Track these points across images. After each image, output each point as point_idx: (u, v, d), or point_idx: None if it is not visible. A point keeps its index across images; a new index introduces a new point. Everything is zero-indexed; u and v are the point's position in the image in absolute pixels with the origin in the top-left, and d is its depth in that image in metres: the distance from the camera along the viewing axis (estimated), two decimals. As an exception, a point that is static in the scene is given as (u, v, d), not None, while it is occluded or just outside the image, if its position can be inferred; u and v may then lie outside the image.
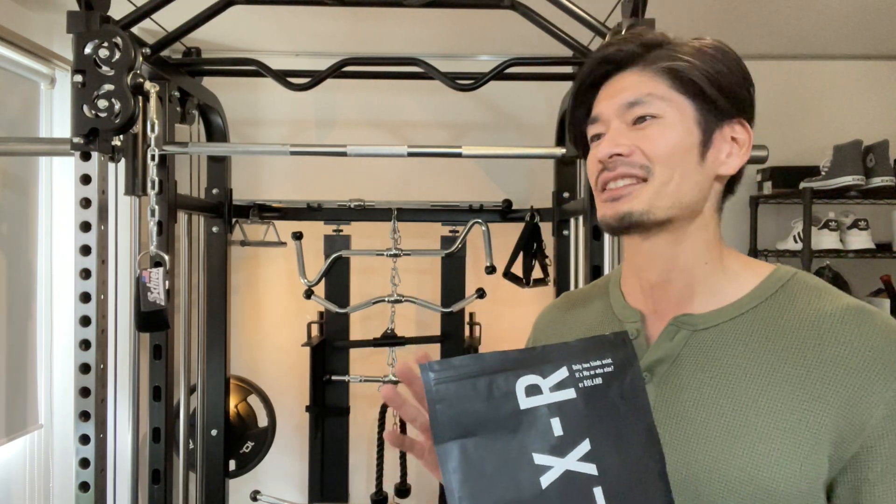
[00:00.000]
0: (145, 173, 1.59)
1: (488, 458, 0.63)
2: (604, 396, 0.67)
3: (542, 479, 0.63)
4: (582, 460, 0.64)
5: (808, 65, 2.62)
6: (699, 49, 0.76)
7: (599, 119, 0.79)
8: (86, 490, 1.49)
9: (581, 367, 0.67)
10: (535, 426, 0.64)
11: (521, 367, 0.66)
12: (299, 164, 2.59)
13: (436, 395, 0.64)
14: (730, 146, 0.78)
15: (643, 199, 0.74)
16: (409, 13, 2.06)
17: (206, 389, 2.25)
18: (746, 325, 0.75)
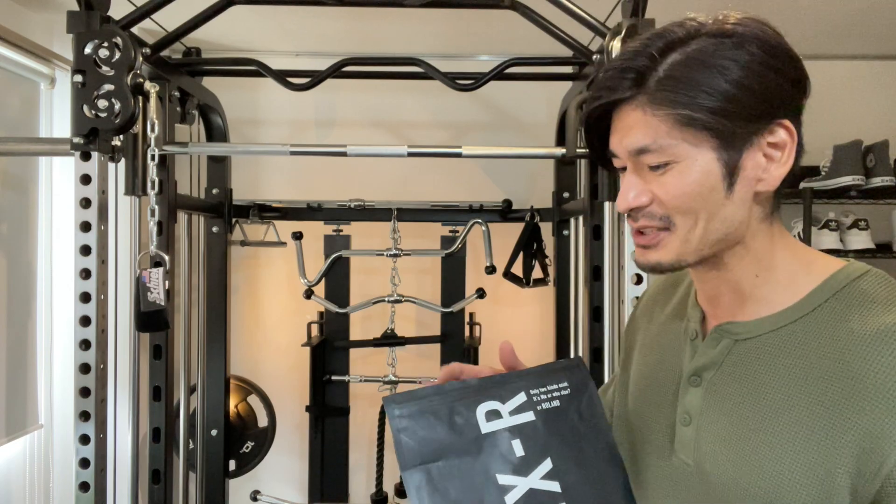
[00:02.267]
0: (145, 173, 1.59)
1: (453, 481, 0.65)
2: (562, 417, 0.70)
3: (506, 497, 0.65)
4: (545, 478, 0.67)
5: (808, 65, 2.61)
6: (706, 62, 0.67)
7: (616, 155, 0.75)
8: (86, 490, 1.49)
9: (538, 391, 0.71)
10: (497, 448, 0.67)
11: (481, 395, 0.69)
12: (299, 164, 2.59)
13: (399, 424, 0.67)
14: (766, 160, 0.70)
15: (671, 251, 0.72)
16: (408, 13, 2.06)
17: (206, 389, 2.25)
18: (787, 338, 0.71)
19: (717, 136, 0.67)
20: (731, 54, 0.67)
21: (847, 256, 2.60)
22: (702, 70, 0.67)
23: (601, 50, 1.58)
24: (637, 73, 0.70)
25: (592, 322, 1.83)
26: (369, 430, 2.51)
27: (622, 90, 0.70)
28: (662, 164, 0.69)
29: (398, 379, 2.28)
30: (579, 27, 1.60)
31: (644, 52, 0.70)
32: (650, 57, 0.69)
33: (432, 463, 0.66)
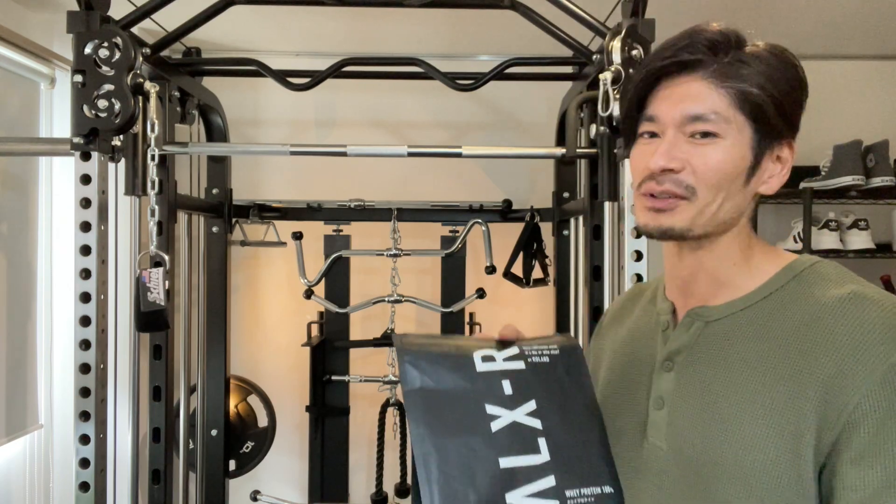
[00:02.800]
0: (145, 173, 1.59)
1: (447, 404, 0.75)
2: (550, 371, 0.79)
3: (492, 424, 0.74)
4: (529, 415, 0.76)
5: (809, 65, 2.58)
6: (767, 62, 0.75)
7: (656, 120, 0.78)
8: (86, 490, 1.49)
9: (530, 348, 0.80)
10: (489, 384, 0.77)
11: (480, 344, 0.80)
12: (299, 164, 2.59)
13: (405, 354, 0.77)
14: (773, 167, 0.78)
15: (685, 218, 0.76)
16: (408, 13, 2.06)
17: (206, 389, 2.25)
18: (754, 316, 0.77)
19: (760, 129, 0.75)
20: (783, 65, 0.76)
21: (847, 256, 2.60)
22: (766, 65, 0.75)
23: (601, 50, 1.58)
24: (714, 44, 0.76)
25: (592, 322, 1.83)
26: (369, 430, 2.51)
27: (699, 53, 0.75)
28: (709, 134, 0.75)
29: (398, 379, 2.28)
30: (579, 27, 1.60)
31: (722, 33, 0.76)
32: (727, 39, 0.76)
33: (430, 387, 0.75)
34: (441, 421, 0.74)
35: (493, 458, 0.73)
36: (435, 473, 0.72)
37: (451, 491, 0.71)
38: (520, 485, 0.72)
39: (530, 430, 0.75)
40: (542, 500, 0.72)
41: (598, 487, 0.75)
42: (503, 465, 0.73)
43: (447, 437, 0.73)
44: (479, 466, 0.72)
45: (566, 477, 0.74)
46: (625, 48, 1.45)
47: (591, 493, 0.74)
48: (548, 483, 0.73)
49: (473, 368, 0.77)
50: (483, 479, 0.72)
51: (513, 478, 0.73)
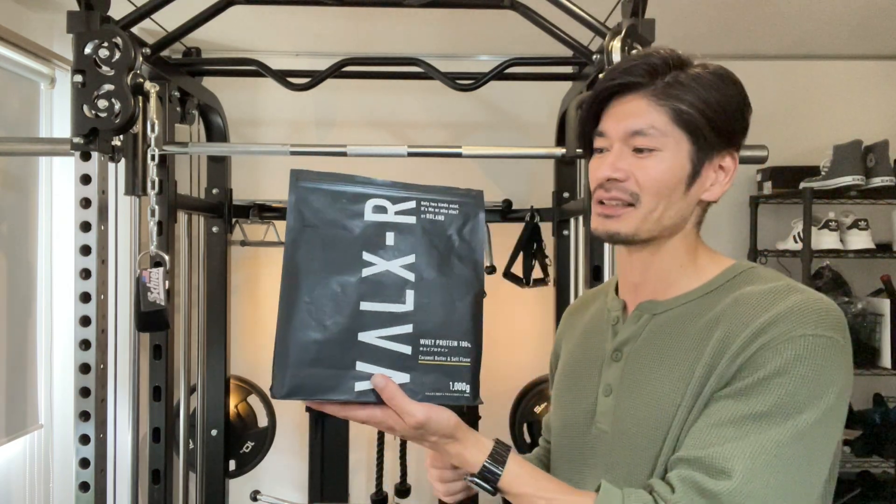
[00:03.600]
0: (145, 173, 1.59)
1: (327, 244, 0.78)
2: (441, 229, 0.81)
3: (364, 270, 0.78)
4: (404, 267, 0.79)
5: (808, 65, 2.62)
6: (704, 82, 0.82)
7: (605, 135, 0.86)
8: (86, 490, 1.49)
9: (428, 203, 0.82)
10: (373, 233, 0.79)
11: (378, 192, 0.81)
12: (299, 164, 2.58)
13: (298, 195, 0.79)
14: (715, 176, 0.85)
15: (630, 224, 0.84)
16: (408, 13, 2.06)
17: (206, 389, 2.25)
18: (692, 308, 0.85)
19: (696, 140, 0.82)
20: (721, 85, 0.83)
21: (847, 256, 2.60)
22: (701, 85, 0.82)
23: (601, 50, 1.58)
24: (652, 67, 0.83)
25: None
26: (369, 430, 2.51)
27: (638, 76, 0.83)
28: (649, 149, 0.82)
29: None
30: (579, 27, 1.60)
31: (659, 55, 0.84)
32: (664, 61, 0.83)
33: (313, 228, 0.79)
34: (314, 257, 0.78)
35: (355, 300, 0.77)
36: (295, 303, 0.78)
37: (304, 321, 0.77)
38: (375, 327, 0.77)
39: (402, 281, 0.78)
40: (394, 343, 0.77)
41: (455, 341, 0.79)
42: (363, 307, 0.77)
43: (316, 273, 0.78)
44: (339, 305, 0.77)
45: (424, 327, 0.78)
46: (625, 48, 1.45)
47: (446, 344, 0.79)
48: (404, 329, 0.78)
49: (361, 217, 0.79)
50: (339, 317, 0.76)
51: (370, 320, 0.77)
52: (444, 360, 0.79)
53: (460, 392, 0.79)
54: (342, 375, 0.76)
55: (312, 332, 0.76)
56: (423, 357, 0.78)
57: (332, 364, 0.76)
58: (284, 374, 0.75)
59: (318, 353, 0.76)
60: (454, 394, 0.79)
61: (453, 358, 0.79)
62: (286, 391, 0.75)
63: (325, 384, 0.76)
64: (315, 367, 0.75)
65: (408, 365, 0.77)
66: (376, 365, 0.77)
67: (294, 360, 0.75)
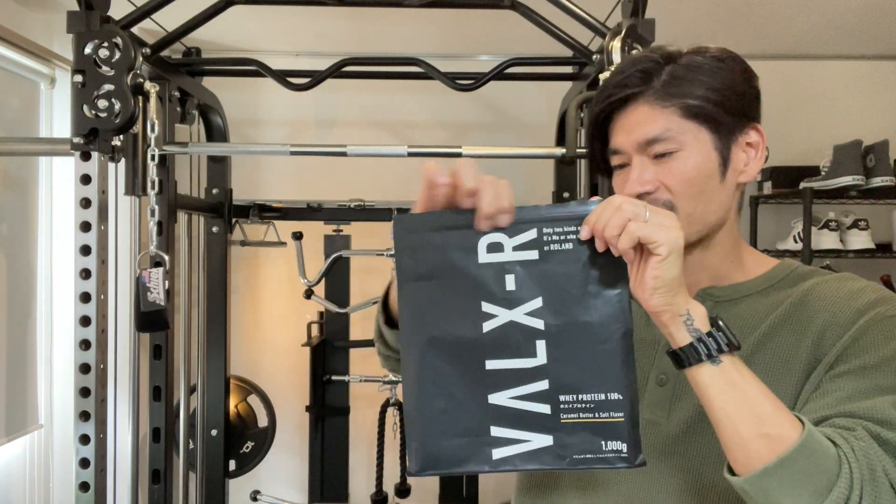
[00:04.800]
0: (145, 173, 1.59)
1: (440, 299, 0.70)
2: (570, 261, 0.69)
3: (484, 324, 0.69)
4: (530, 315, 0.69)
5: (808, 65, 2.62)
6: (699, 68, 0.79)
7: (620, 151, 0.83)
8: (86, 490, 1.49)
9: (552, 230, 0.69)
10: (489, 279, 0.69)
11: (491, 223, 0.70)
12: (299, 164, 2.59)
13: (403, 243, 0.71)
14: (745, 155, 0.82)
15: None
16: (409, 13, 2.06)
17: (206, 389, 2.25)
18: (764, 301, 0.83)
19: (714, 128, 0.79)
20: (717, 65, 0.80)
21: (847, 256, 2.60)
22: (699, 72, 0.79)
23: (601, 50, 1.58)
24: (644, 72, 0.80)
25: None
26: (369, 430, 2.51)
27: (633, 86, 0.80)
28: (669, 152, 0.79)
29: (398, 379, 2.27)
30: (579, 27, 1.60)
31: (648, 58, 0.81)
32: (654, 61, 0.81)
33: (426, 281, 0.70)
34: (430, 316, 0.70)
35: (480, 362, 0.69)
36: (416, 370, 0.70)
37: (430, 389, 0.70)
38: (506, 387, 0.69)
39: (529, 331, 0.69)
40: (529, 402, 0.69)
41: (603, 394, 0.69)
42: (490, 367, 0.70)
43: (433, 334, 0.70)
44: (463, 367, 0.70)
45: (562, 381, 0.69)
46: (625, 48, 1.45)
47: (591, 398, 0.69)
48: (539, 386, 0.69)
49: (475, 259, 0.70)
50: (465, 381, 0.70)
51: (499, 380, 0.69)
52: (592, 417, 0.69)
53: (616, 452, 0.69)
54: (477, 444, 0.69)
55: (438, 401, 0.70)
56: (565, 416, 0.69)
57: (466, 433, 0.69)
58: (417, 448, 0.70)
59: (449, 423, 0.70)
60: (608, 455, 0.69)
61: (602, 414, 0.69)
62: (421, 466, 0.70)
63: (461, 455, 0.70)
64: (447, 438, 0.70)
65: (549, 426, 0.69)
66: (513, 428, 0.69)
67: (425, 433, 0.70)
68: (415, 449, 0.70)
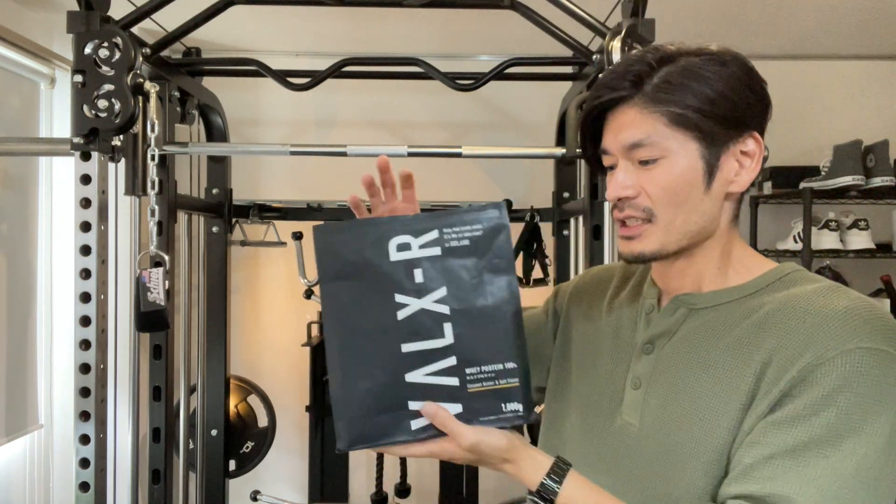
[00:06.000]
0: (145, 173, 1.59)
1: (357, 297, 0.79)
2: (467, 255, 0.80)
3: (398, 312, 0.79)
4: (437, 302, 0.79)
5: (808, 65, 2.62)
6: (696, 71, 0.76)
7: (607, 152, 0.82)
8: (86, 490, 1.49)
9: (451, 230, 0.81)
10: (401, 274, 0.79)
11: (398, 228, 0.81)
12: (299, 164, 2.59)
13: (323, 247, 0.80)
14: (738, 164, 0.79)
15: (653, 241, 0.80)
16: (408, 13, 2.06)
17: (206, 389, 2.25)
18: (736, 310, 0.79)
19: (702, 137, 0.77)
20: (716, 69, 0.76)
21: (847, 256, 2.60)
22: (692, 78, 0.76)
23: (601, 50, 1.58)
24: (636, 76, 0.78)
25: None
26: (369, 430, 2.51)
27: (622, 89, 0.79)
28: (653, 159, 0.78)
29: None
30: (579, 27, 1.60)
31: (642, 60, 0.79)
32: (648, 64, 0.78)
33: (344, 280, 0.80)
34: (350, 310, 0.79)
35: (396, 344, 0.78)
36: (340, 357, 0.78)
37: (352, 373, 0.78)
38: (420, 366, 0.78)
39: (438, 316, 0.79)
40: (441, 377, 0.78)
41: (500, 364, 0.79)
42: (405, 349, 0.78)
43: (354, 324, 0.79)
44: (382, 352, 0.78)
45: (467, 356, 0.78)
46: (625, 48, 1.45)
47: (491, 369, 0.79)
48: (448, 363, 0.78)
49: (387, 258, 0.80)
50: (384, 363, 0.78)
51: (414, 360, 0.78)
52: (493, 385, 0.79)
53: (514, 412, 0.79)
54: (397, 417, 0.78)
55: (362, 381, 0.78)
56: (471, 386, 0.78)
57: (387, 409, 0.78)
58: (344, 427, 0.78)
59: (372, 401, 0.78)
60: (508, 415, 0.79)
61: (501, 381, 0.79)
62: (348, 442, 0.78)
63: (384, 429, 0.78)
64: (371, 415, 0.78)
65: (458, 395, 0.78)
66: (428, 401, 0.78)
67: (350, 411, 0.78)
68: (342, 427, 0.78)
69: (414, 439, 0.78)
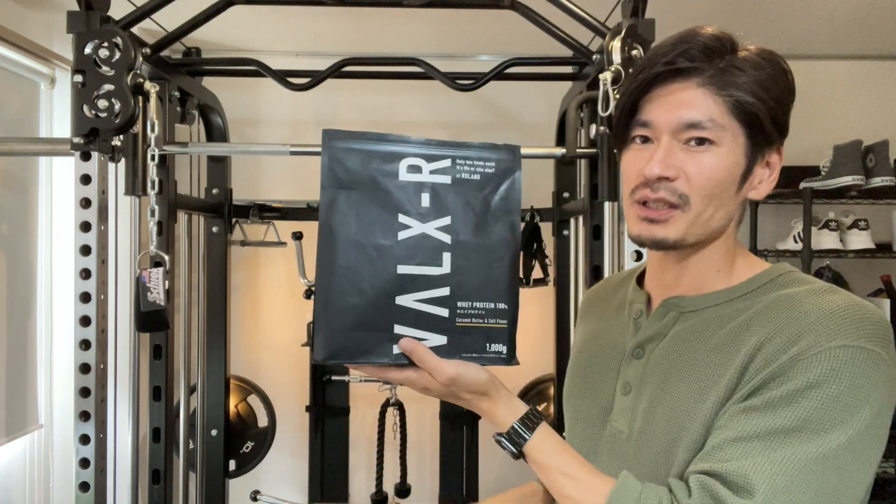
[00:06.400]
0: (145, 173, 1.59)
1: (359, 209, 0.78)
2: (477, 189, 0.80)
3: (399, 232, 0.77)
4: (440, 230, 0.78)
5: (808, 65, 2.62)
6: (760, 68, 0.75)
7: (650, 125, 0.77)
8: (86, 490, 1.49)
9: (464, 162, 0.80)
10: (408, 194, 0.78)
11: (412, 150, 0.79)
12: (299, 164, 2.58)
13: (330, 152, 0.80)
14: (763, 173, 0.78)
15: (679, 229, 0.76)
16: (408, 13, 2.06)
17: (206, 389, 2.25)
18: (725, 311, 0.78)
19: (754, 135, 0.75)
20: (775, 71, 0.76)
21: (847, 256, 2.60)
22: (765, 72, 0.75)
23: (601, 50, 1.58)
24: (709, 50, 0.74)
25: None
26: (369, 430, 2.51)
27: (694, 59, 0.74)
28: (707, 141, 0.74)
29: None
30: (579, 27, 1.60)
31: (716, 38, 0.75)
32: (722, 44, 0.75)
33: (349, 189, 0.78)
34: (350, 221, 0.77)
35: (392, 264, 0.77)
36: (332, 267, 0.77)
37: (343, 285, 0.76)
38: (412, 290, 0.77)
39: (438, 243, 0.78)
40: (431, 306, 0.77)
41: (492, 303, 0.79)
42: (400, 271, 0.77)
43: (352, 237, 0.77)
44: (376, 268, 0.76)
45: (461, 289, 0.78)
46: (625, 48, 1.45)
47: (483, 306, 0.78)
48: (441, 292, 0.78)
49: (396, 177, 0.78)
50: (376, 281, 0.76)
51: (407, 283, 0.77)
52: (482, 322, 0.78)
53: (497, 353, 0.79)
54: (380, 338, 0.76)
55: (350, 296, 0.76)
56: (460, 319, 0.78)
57: (371, 328, 0.76)
58: (324, 339, 0.76)
59: (357, 318, 0.76)
60: (491, 355, 0.79)
61: (490, 320, 0.79)
62: (325, 354, 0.76)
63: (364, 347, 0.76)
64: (354, 331, 0.76)
65: (445, 327, 0.77)
66: (414, 328, 0.77)
67: (333, 324, 0.76)
68: (322, 339, 0.76)
69: (393, 363, 0.77)
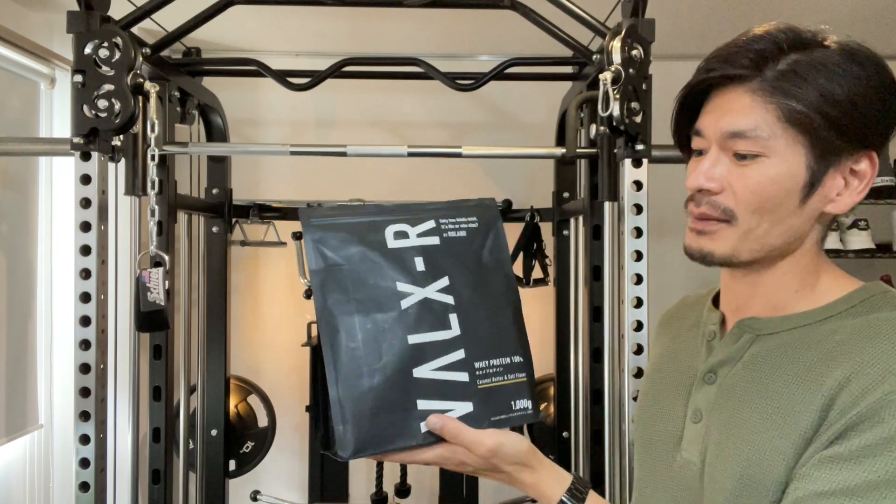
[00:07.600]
0: (145, 173, 1.59)
1: (355, 283, 0.74)
2: (466, 245, 0.78)
3: (402, 301, 0.74)
4: (440, 292, 0.75)
5: (808, 65, 2.62)
6: (828, 71, 0.67)
7: (702, 134, 0.73)
8: (86, 490, 1.49)
9: (447, 221, 0.78)
10: (400, 262, 0.75)
11: (393, 217, 0.77)
12: (299, 164, 2.59)
13: (313, 235, 0.75)
14: (844, 183, 0.69)
15: (727, 244, 0.71)
16: (408, 13, 2.06)
17: (206, 389, 2.25)
18: (806, 335, 0.71)
19: (814, 144, 0.67)
20: (853, 69, 0.67)
21: (847, 256, 2.61)
22: (824, 74, 0.66)
23: (601, 50, 1.58)
24: (759, 55, 0.69)
25: (592, 322, 1.83)
26: (369, 430, 2.51)
27: (740, 67, 0.69)
28: (751, 155, 0.68)
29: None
30: (579, 27, 1.60)
31: (772, 38, 0.70)
32: (777, 45, 0.70)
33: (338, 265, 0.74)
34: (348, 299, 0.74)
35: (402, 335, 0.73)
36: (340, 351, 0.74)
37: (355, 368, 0.72)
38: (428, 360, 0.73)
39: (442, 306, 0.75)
40: (449, 372, 0.74)
41: (508, 357, 0.77)
42: (412, 341, 0.73)
43: (354, 315, 0.73)
44: (386, 344, 0.73)
45: (475, 349, 0.75)
46: (625, 48, 1.45)
47: (499, 363, 0.76)
48: (457, 356, 0.74)
49: (385, 245, 0.76)
50: (390, 356, 0.72)
51: (421, 353, 0.73)
52: (502, 380, 0.75)
53: (523, 410, 0.75)
54: (405, 418, 0.71)
55: (364, 378, 0.72)
56: (481, 381, 0.74)
57: (394, 408, 0.71)
58: (347, 431, 0.70)
59: (377, 400, 0.71)
60: (518, 413, 0.75)
61: (510, 376, 0.76)
62: (353, 450, 0.70)
63: (390, 432, 0.71)
64: (376, 416, 0.71)
65: (469, 393, 0.73)
66: (438, 399, 0.72)
67: (352, 413, 0.71)
68: (346, 432, 0.71)
69: (423, 443, 0.71)
